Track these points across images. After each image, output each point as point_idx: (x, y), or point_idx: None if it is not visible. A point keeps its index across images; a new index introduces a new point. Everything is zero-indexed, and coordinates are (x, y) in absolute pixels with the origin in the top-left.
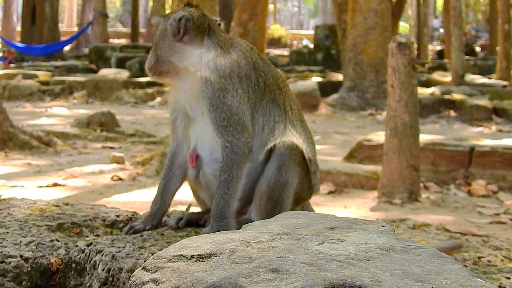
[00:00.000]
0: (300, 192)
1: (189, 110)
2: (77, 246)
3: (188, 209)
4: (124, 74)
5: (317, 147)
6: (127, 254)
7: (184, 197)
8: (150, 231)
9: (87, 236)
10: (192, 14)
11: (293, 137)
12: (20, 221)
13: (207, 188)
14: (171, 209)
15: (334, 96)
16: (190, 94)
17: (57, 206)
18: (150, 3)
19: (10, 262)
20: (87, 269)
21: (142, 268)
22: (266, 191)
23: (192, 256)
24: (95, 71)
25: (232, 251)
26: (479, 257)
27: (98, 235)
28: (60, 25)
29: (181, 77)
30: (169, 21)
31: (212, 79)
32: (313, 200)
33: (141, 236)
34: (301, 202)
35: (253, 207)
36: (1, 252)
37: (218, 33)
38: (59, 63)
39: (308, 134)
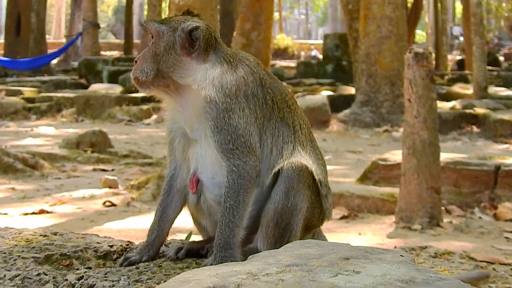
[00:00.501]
0: (310, 218)
1: (189, 131)
2: (66, 280)
3: (188, 237)
4: (116, 89)
5: (328, 167)
6: None
7: (184, 225)
8: (147, 263)
9: (77, 269)
10: (201, 25)
11: (302, 158)
12: (4, 252)
13: (210, 215)
14: (169, 237)
15: (346, 112)
16: (191, 114)
17: (45, 236)
18: (145, 12)
19: None
20: None
21: None
22: (273, 218)
23: None
24: (85, 87)
25: (238, 284)
26: None
27: (89, 268)
28: (47, 36)
29: (181, 95)
30: (178, 32)
31: (217, 99)
32: (325, 226)
33: (137, 268)
34: (311, 229)
35: (259, 236)
36: None
37: (223, 46)
38: (46, 78)
39: (318, 155)
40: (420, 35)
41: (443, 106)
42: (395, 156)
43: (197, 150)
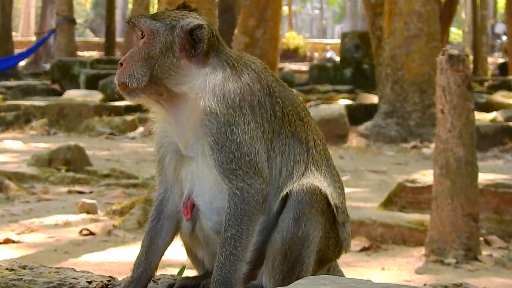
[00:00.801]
0: (324, 250)
1: (183, 147)
2: None
3: (181, 272)
4: (96, 96)
5: (347, 190)
6: None
7: (176, 257)
8: None
9: None
10: (204, 23)
11: (315, 179)
12: None
13: (206, 246)
14: (158, 272)
15: (367, 124)
16: (186, 127)
17: (11, 269)
18: (130, 6)
19: None
20: None
21: None
22: (281, 249)
23: None
24: (59, 93)
25: None
26: None
27: None
28: (13, 34)
29: (175, 104)
30: (177, 31)
31: (218, 110)
32: (342, 259)
33: None
34: (326, 262)
35: (264, 270)
36: None
37: (226, 48)
38: (12, 83)
39: (335, 176)
40: (456, 33)
41: (482, 118)
42: (425, 177)
43: (192, 170)
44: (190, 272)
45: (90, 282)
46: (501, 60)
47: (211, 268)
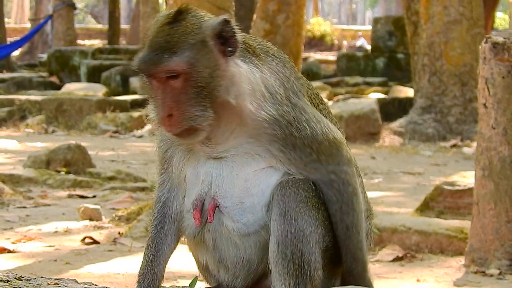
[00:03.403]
0: (334, 247)
1: (211, 149)
2: None
3: (193, 284)
4: (98, 90)
5: (378, 194)
6: None
7: (188, 268)
8: None
9: None
10: (226, 17)
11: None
12: None
13: (214, 249)
14: (168, 284)
15: (402, 121)
16: (223, 129)
17: (7, 281)
18: None
19: None
20: None
21: None
22: (279, 251)
23: None
24: (57, 87)
25: None
26: None
27: None
28: (6, 21)
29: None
30: (209, 41)
31: (277, 114)
32: (373, 270)
33: None
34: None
35: (273, 280)
36: None
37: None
38: (5, 75)
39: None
40: (502, 18)
41: None
42: (466, 179)
43: (213, 171)
44: (203, 285)
45: None
46: None
47: (218, 276)
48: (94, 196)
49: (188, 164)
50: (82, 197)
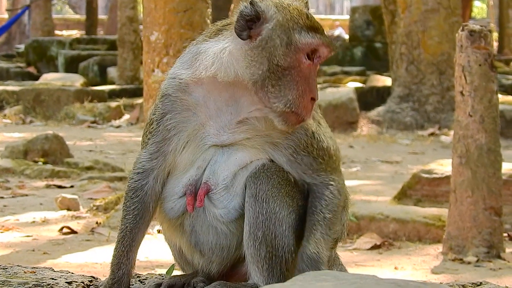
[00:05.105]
0: None
1: (216, 135)
2: None
3: (170, 271)
4: (76, 81)
5: (356, 182)
6: None
7: (165, 258)
8: None
9: None
10: None
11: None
12: None
13: (191, 233)
14: (145, 272)
15: (380, 109)
16: (235, 116)
17: None
18: None
19: None
20: None
21: None
22: (250, 233)
23: None
24: (35, 77)
25: None
26: None
27: None
28: None
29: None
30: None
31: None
32: (351, 258)
33: None
34: None
35: (248, 264)
36: None
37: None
38: None
39: None
40: (479, 8)
41: (507, 100)
42: (443, 167)
43: (210, 157)
44: (180, 273)
45: (69, 283)
46: None
47: (192, 261)
48: (71, 186)
49: (185, 149)
50: (59, 187)
